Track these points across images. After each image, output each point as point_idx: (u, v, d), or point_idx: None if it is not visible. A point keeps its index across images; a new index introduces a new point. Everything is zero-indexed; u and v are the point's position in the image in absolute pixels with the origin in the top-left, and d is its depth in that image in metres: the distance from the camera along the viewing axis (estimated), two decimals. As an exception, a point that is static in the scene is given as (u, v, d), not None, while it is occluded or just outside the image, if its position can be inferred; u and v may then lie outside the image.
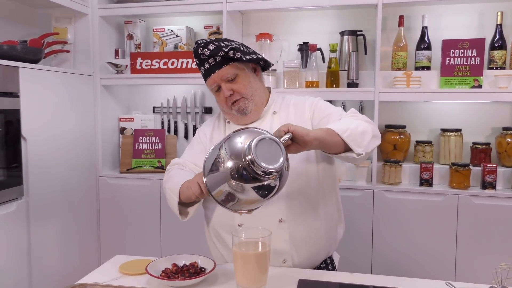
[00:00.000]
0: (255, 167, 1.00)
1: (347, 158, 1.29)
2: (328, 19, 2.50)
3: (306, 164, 1.40)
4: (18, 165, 1.95)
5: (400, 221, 2.17)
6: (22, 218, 1.96)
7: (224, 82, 1.39)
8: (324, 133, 1.21)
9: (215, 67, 1.38)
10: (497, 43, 2.19)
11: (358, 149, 1.25)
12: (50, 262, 2.15)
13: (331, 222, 1.47)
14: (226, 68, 1.38)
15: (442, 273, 2.12)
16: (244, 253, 1.14)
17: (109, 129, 2.63)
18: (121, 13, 2.50)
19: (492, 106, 2.34)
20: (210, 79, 1.41)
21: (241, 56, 1.37)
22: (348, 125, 1.27)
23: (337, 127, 1.25)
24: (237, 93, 1.40)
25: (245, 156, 1.01)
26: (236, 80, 1.40)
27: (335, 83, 2.31)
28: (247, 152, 1.01)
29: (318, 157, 1.42)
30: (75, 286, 1.18)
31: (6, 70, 1.87)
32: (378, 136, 1.35)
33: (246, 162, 1.01)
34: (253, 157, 1.00)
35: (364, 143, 1.27)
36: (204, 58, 1.38)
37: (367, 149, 1.27)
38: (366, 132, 1.29)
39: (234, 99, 1.40)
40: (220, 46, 1.36)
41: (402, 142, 2.32)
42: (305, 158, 1.40)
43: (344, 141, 1.24)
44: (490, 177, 2.11)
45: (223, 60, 1.37)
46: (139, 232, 2.51)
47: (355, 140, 1.25)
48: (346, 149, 1.26)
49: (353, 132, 1.25)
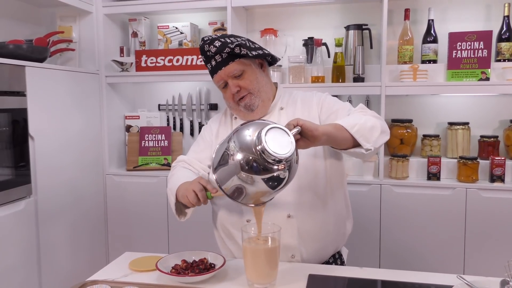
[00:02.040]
0: (265, 156, 1.00)
1: (356, 153, 1.28)
2: (333, 14, 2.49)
3: (314, 159, 1.39)
4: (26, 164, 1.95)
5: (408, 216, 2.16)
6: (30, 216, 1.97)
7: (230, 78, 1.39)
8: (332, 128, 1.20)
9: (221, 64, 1.38)
10: (505, 35, 2.17)
11: (366, 144, 1.24)
12: (59, 260, 2.16)
13: (340, 217, 1.47)
14: (232, 64, 1.37)
15: (450, 267, 2.12)
16: (254, 248, 1.14)
17: (115, 127, 2.63)
18: (125, 10, 2.50)
19: (500, 98, 2.32)
20: (217, 75, 1.40)
21: (247, 52, 1.36)
22: (356, 120, 1.26)
23: (346, 123, 1.24)
24: (244, 89, 1.39)
25: (255, 146, 1.01)
26: (243, 76, 1.39)
27: (341, 78, 2.30)
28: (257, 142, 1.01)
29: (326, 153, 1.41)
30: (87, 283, 1.18)
31: (12, 69, 1.88)
32: (387, 132, 1.34)
33: (258, 152, 1.00)
34: (264, 145, 0.99)
35: (372, 138, 1.26)
36: (211, 55, 1.37)
37: (375, 144, 1.27)
38: (375, 128, 1.28)
39: (241, 95, 1.40)
40: (226, 43, 1.35)
41: (409, 136, 2.31)
42: (313, 154, 1.39)
43: (353, 137, 1.23)
44: (498, 170, 2.10)
45: (229, 57, 1.37)
46: (147, 229, 2.51)
47: (364, 136, 1.24)
48: (355, 144, 1.26)
49: (361, 127, 1.24)
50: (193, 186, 1.25)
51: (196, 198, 1.24)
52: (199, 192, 1.23)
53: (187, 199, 1.25)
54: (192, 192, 1.24)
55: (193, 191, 1.24)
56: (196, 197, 1.24)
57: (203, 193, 1.24)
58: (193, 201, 1.24)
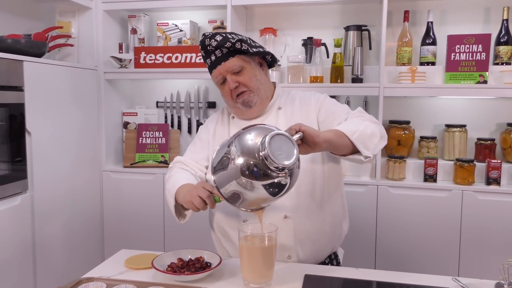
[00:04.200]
0: (268, 163, 0.99)
1: (354, 159, 1.28)
2: (332, 14, 2.49)
3: (312, 164, 1.39)
4: (22, 159, 1.95)
5: (404, 217, 2.17)
6: (26, 212, 1.97)
7: (230, 74, 1.38)
8: (333, 135, 1.20)
9: (221, 59, 1.37)
10: (503, 38, 2.18)
11: (366, 151, 1.24)
12: (54, 256, 2.16)
13: (336, 218, 1.47)
14: (232, 60, 1.37)
15: (445, 269, 2.12)
16: (250, 247, 1.14)
17: (112, 123, 2.63)
18: (125, 7, 2.49)
19: (497, 102, 2.33)
20: (216, 70, 1.39)
21: (248, 48, 1.36)
22: (357, 126, 1.26)
23: (346, 129, 1.24)
24: (243, 85, 1.38)
25: (258, 152, 1.00)
26: (242, 72, 1.38)
27: (340, 78, 2.30)
28: (260, 148, 1.00)
29: (324, 158, 1.41)
30: (82, 280, 1.18)
31: (10, 64, 1.87)
32: (385, 137, 1.35)
33: (261, 158, 0.99)
34: (267, 152, 0.98)
35: (372, 145, 1.27)
36: (211, 49, 1.37)
37: (374, 151, 1.27)
38: (374, 134, 1.29)
39: (239, 91, 1.39)
40: (227, 38, 1.35)
41: (407, 137, 2.32)
42: (311, 159, 1.39)
43: (353, 143, 1.23)
44: (494, 173, 2.11)
45: (229, 52, 1.36)
46: (143, 227, 2.51)
47: (363, 143, 1.24)
48: (354, 150, 1.26)
49: (362, 134, 1.24)
50: (199, 192, 1.22)
51: (202, 203, 1.21)
52: (207, 198, 1.20)
53: (193, 205, 1.22)
54: (197, 198, 1.21)
55: (199, 197, 1.21)
56: (202, 202, 1.21)
57: (211, 199, 1.21)
58: (200, 206, 1.21)
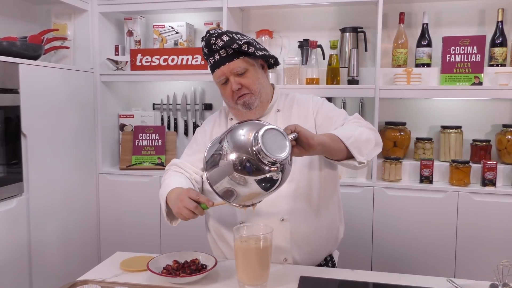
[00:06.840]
0: (261, 157, 0.99)
1: (348, 165, 1.28)
2: (328, 16, 2.50)
3: (309, 169, 1.39)
4: (18, 162, 1.94)
5: (400, 218, 2.17)
6: (22, 214, 1.96)
7: (233, 75, 1.37)
8: (328, 139, 1.20)
9: (225, 59, 1.35)
10: (498, 40, 2.19)
11: (360, 157, 1.25)
12: (50, 258, 2.15)
13: (333, 222, 1.47)
14: (237, 61, 1.35)
15: (441, 270, 2.13)
16: (245, 248, 1.14)
17: (109, 125, 2.62)
18: (121, 9, 2.49)
19: (493, 103, 2.34)
20: (219, 70, 1.37)
21: (254, 51, 1.35)
22: (352, 132, 1.26)
23: (341, 134, 1.24)
24: (245, 87, 1.37)
25: (251, 147, 1.00)
26: (246, 74, 1.37)
27: (336, 80, 2.30)
28: (253, 142, 1.00)
29: (321, 164, 1.41)
30: (77, 283, 1.18)
31: (6, 66, 1.87)
32: (380, 144, 1.35)
33: (254, 153, 0.99)
34: (260, 146, 0.98)
35: (366, 151, 1.27)
36: (216, 49, 1.35)
37: (368, 157, 1.28)
38: (369, 140, 1.29)
39: (241, 93, 1.38)
40: (234, 39, 1.34)
41: (402, 139, 2.32)
42: (308, 165, 1.39)
43: (347, 148, 1.23)
44: (490, 174, 2.11)
45: (234, 53, 1.35)
46: (139, 229, 2.51)
47: (358, 148, 1.24)
48: (348, 156, 1.26)
49: (356, 139, 1.25)
50: (185, 203, 1.20)
51: (191, 213, 1.20)
52: (194, 209, 1.19)
53: (182, 216, 1.22)
54: (185, 209, 1.20)
55: (185, 208, 1.20)
56: (191, 213, 1.20)
57: (198, 209, 1.20)
58: (189, 217, 1.21)
